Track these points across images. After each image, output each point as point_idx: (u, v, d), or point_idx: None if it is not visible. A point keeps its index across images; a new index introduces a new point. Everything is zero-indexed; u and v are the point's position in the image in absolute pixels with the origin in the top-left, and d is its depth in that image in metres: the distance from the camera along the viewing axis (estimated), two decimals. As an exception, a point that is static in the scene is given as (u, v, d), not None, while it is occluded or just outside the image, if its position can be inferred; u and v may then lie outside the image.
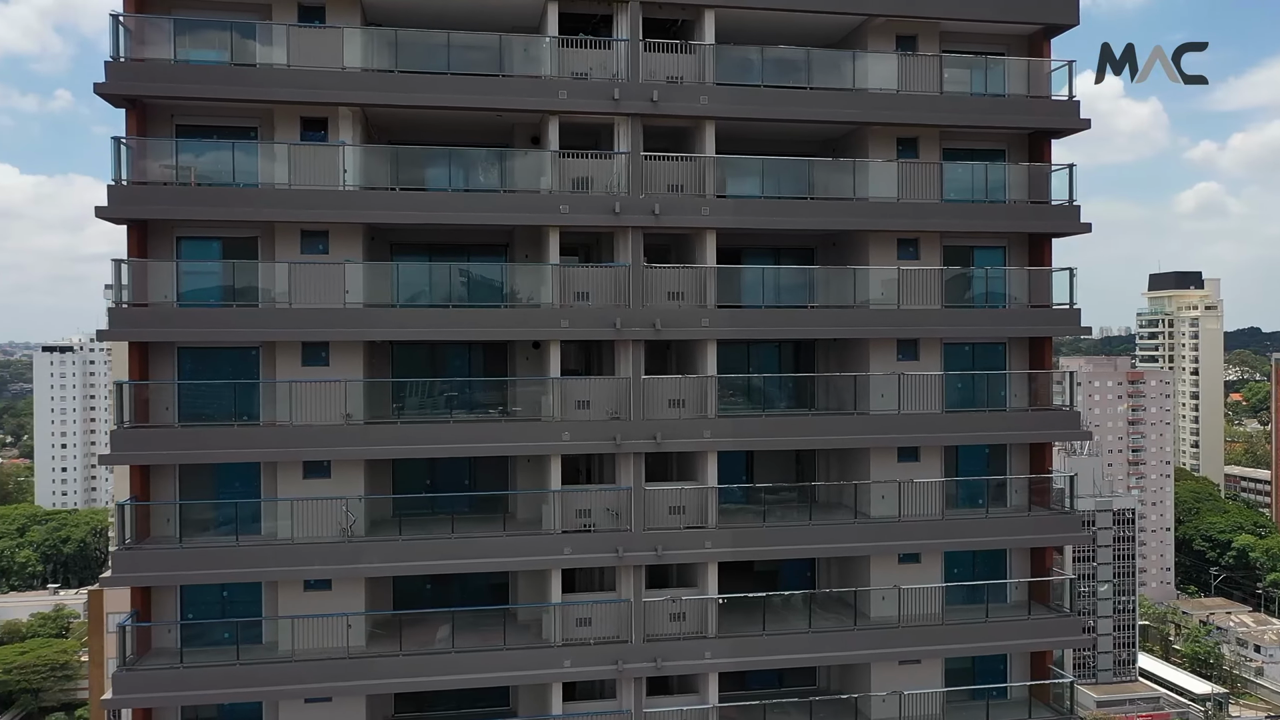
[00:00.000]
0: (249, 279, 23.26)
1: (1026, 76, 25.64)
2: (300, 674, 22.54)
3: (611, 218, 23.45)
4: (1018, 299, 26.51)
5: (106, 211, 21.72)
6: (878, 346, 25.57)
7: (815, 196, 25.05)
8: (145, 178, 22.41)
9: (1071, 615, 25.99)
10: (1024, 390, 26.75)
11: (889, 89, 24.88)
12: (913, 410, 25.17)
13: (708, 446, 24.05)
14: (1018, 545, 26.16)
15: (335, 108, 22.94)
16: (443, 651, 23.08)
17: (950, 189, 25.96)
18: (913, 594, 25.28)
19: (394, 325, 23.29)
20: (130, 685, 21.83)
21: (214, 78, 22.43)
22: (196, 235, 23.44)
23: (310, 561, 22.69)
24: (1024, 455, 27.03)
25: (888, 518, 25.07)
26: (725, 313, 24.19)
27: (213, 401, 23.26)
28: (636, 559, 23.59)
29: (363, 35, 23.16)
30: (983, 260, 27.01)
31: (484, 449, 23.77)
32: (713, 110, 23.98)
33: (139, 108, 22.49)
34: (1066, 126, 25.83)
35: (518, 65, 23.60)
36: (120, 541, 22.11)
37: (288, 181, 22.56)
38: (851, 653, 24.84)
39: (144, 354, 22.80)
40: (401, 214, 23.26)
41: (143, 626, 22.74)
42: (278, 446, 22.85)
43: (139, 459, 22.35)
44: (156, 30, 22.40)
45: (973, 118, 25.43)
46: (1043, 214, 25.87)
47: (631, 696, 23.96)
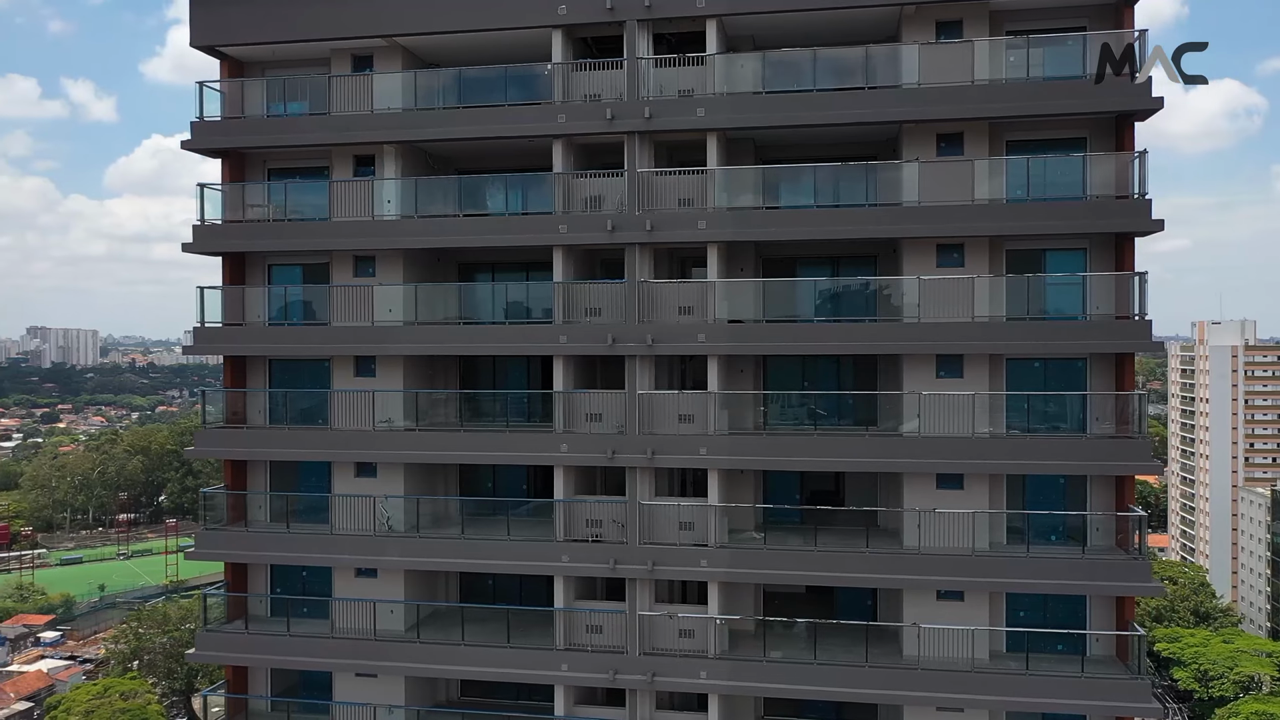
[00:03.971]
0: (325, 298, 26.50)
1: (1083, 53, 22.30)
2: (353, 650, 25.39)
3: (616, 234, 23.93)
4: (1100, 309, 23.15)
5: (194, 246, 25.97)
6: (912, 363, 23.58)
7: (842, 204, 23.70)
8: (238, 216, 26.44)
9: (1142, 678, 22.19)
10: (1109, 413, 23.28)
11: (933, 82, 22.81)
12: (953, 432, 22.96)
13: (706, 464, 23.68)
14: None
15: (380, 145, 25.56)
16: (453, 644, 24.85)
17: (1011, 186, 23.26)
18: (949, 635, 23.07)
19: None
20: (208, 644, 26.00)
21: (295, 127, 25.76)
22: (284, 263, 27.20)
23: (356, 552, 25.47)
24: (1108, 488, 23.52)
25: (914, 548, 23.10)
26: (730, 328, 23.66)
27: (297, 407, 26.86)
28: (630, 572, 23.83)
29: (406, 79, 25.48)
30: (1055, 265, 23.87)
31: (501, 458, 25.18)
32: (714, 122, 23.55)
33: (233, 155, 26.61)
34: (1141, 108, 22.12)
35: (541, 92, 24.73)
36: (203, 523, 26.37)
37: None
38: (864, 690, 23.16)
39: (240, 365, 26.93)
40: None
41: (234, 596, 26.88)
42: (340, 448, 25.83)
43: (222, 454, 26.49)
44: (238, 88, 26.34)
45: (1021, 106, 22.60)
46: (1102, 210, 22.37)
47: (639, 710, 24.23)
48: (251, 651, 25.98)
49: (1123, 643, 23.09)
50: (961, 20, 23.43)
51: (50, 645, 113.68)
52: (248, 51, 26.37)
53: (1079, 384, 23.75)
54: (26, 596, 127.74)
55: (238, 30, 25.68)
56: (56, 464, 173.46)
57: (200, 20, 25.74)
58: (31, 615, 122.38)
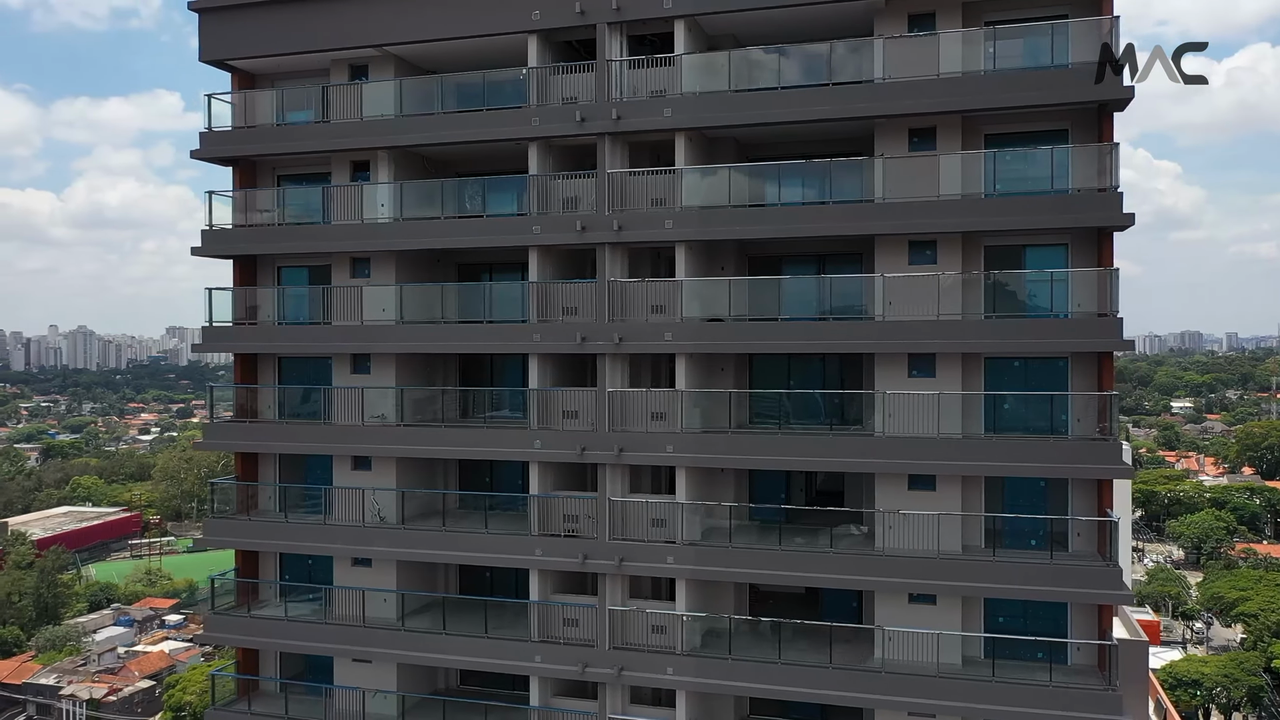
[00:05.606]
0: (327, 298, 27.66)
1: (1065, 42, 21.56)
2: (346, 636, 26.47)
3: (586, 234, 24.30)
4: (1082, 306, 22.37)
5: (202, 250, 27.46)
6: (884, 362, 23.23)
7: (809, 202, 23.53)
8: (250, 220, 27.86)
9: (1114, 689, 21.33)
10: (1091, 415, 22.47)
11: (898, 76, 22.47)
12: (926, 433, 22.55)
13: (673, 461, 23.83)
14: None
15: (375, 151, 26.55)
16: (435, 633, 25.63)
17: (989, 181, 22.68)
18: (920, 639, 22.65)
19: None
20: (215, 626, 27.46)
21: (293, 135, 27.02)
22: (292, 265, 28.50)
23: (348, 542, 26.50)
24: (1090, 493, 22.70)
25: (885, 550, 22.76)
26: (697, 327, 23.75)
27: (302, 403, 28.13)
28: (599, 567, 24.16)
29: (401, 84, 26.39)
30: (1035, 262, 23.15)
31: (479, 453, 25.83)
32: (680, 121, 23.68)
33: (244, 163, 28.05)
34: (1110, 98, 21.27)
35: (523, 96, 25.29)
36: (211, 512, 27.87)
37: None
38: (829, 691, 22.89)
39: (251, 362, 28.35)
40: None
41: (242, 581, 28.31)
42: (335, 442, 26.96)
43: (227, 447, 27.93)
44: (249, 99, 27.73)
45: (988, 98, 22.02)
46: (1069, 205, 21.59)
47: (610, 703, 24.54)
48: (254, 634, 27.31)
49: (1104, 652, 22.24)
50: (935, 13, 22.98)
51: (174, 628, 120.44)
52: (255, 64, 27.77)
53: (1061, 384, 23.00)
54: (154, 581, 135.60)
55: (242, 45, 27.07)
56: (184, 456, 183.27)
57: (208, 36, 27.22)
58: (158, 599, 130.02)
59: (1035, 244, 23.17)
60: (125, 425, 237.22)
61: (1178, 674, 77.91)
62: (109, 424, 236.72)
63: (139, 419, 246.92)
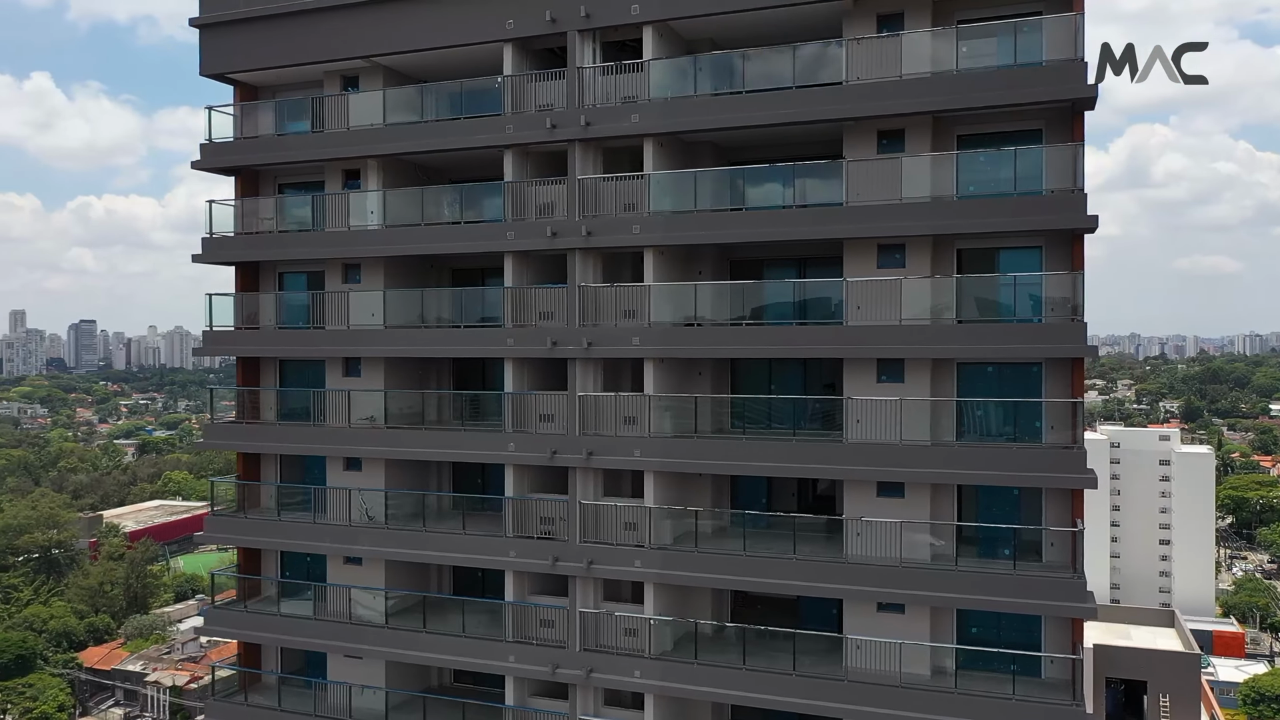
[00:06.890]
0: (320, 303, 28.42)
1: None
2: (335, 633, 27.19)
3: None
4: (1056, 311, 21.79)
5: (203, 257, 28.47)
6: (852, 367, 22.95)
7: (770, 206, 23.38)
8: (250, 228, 28.79)
9: (1078, 704, 20.68)
10: (1065, 422, 21.87)
11: (863, 78, 22.18)
12: (893, 439, 22.21)
13: (640, 465, 23.90)
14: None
15: (364, 160, 27.20)
16: (415, 630, 26.14)
17: (963, 183, 22.25)
18: (886, 649, 22.31)
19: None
20: (214, 620, 28.45)
21: (286, 145, 27.91)
22: (292, 271, 29.36)
23: (337, 541, 27.19)
24: (1062, 502, 22.08)
25: (853, 557, 22.50)
26: (664, 331, 23.77)
27: (301, 404, 28.94)
28: (569, 569, 24.35)
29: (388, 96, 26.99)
30: (1009, 265, 22.60)
31: (457, 455, 26.24)
32: (648, 127, 23.73)
33: (246, 172, 29.00)
34: (1074, 97, 20.63)
35: (488, 104, 25.70)
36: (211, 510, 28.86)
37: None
38: (794, 699, 22.65)
39: (253, 365, 29.30)
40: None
41: (241, 577, 29.26)
42: (325, 444, 27.66)
43: (224, 446, 28.89)
44: (250, 112, 28.67)
45: (953, 99, 21.56)
46: (1030, 207, 21.02)
47: (580, 704, 24.73)
48: (250, 629, 28.20)
49: (1072, 666, 21.59)
50: (903, 12, 22.59)
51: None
52: (254, 77, 28.66)
53: (1035, 390, 22.41)
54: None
55: (240, 59, 27.97)
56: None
57: (209, 51, 28.20)
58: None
59: (1008, 246, 22.63)
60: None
61: (1261, 688, 74.82)
62: (201, 421, 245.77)
63: (230, 416, 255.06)
